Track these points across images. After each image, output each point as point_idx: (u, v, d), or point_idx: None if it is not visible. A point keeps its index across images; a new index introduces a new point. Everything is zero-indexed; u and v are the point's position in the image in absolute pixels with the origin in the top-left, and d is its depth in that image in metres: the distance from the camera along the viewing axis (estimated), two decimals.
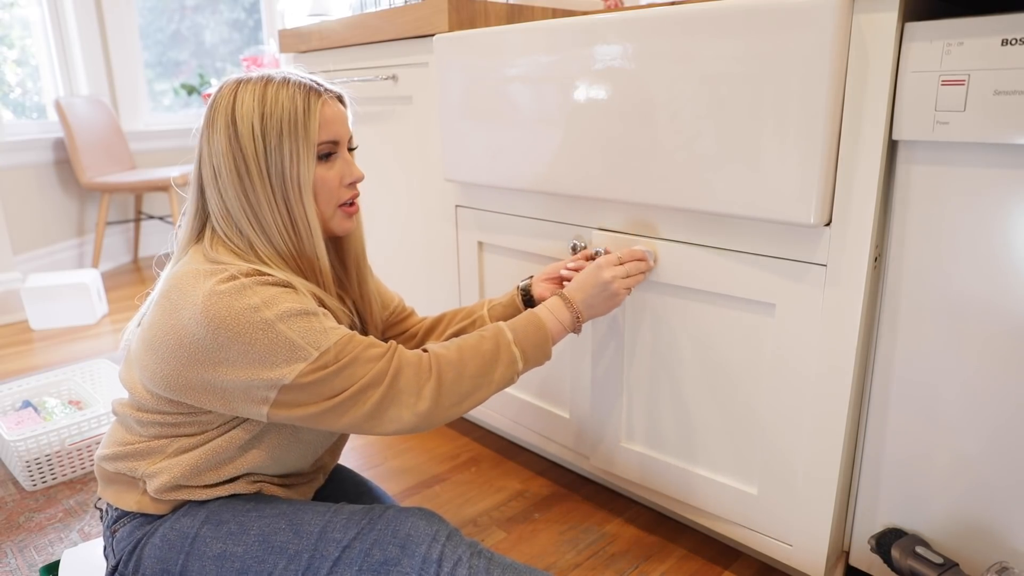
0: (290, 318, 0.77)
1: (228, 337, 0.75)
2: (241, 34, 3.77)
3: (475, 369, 0.85)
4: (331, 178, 0.86)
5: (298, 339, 0.77)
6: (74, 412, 1.59)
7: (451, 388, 0.84)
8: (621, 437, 1.22)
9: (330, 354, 0.78)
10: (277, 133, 0.81)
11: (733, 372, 1.04)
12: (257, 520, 0.85)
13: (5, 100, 2.95)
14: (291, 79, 0.84)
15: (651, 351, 1.13)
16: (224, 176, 0.82)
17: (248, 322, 0.75)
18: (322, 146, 0.84)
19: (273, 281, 0.79)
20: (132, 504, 0.87)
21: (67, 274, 2.49)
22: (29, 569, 1.17)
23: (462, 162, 1.32)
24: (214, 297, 0.76)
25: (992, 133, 0.76)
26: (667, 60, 0.96)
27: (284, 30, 1.77)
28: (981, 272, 0.82)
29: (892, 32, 0.79)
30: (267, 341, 0.76)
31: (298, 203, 0.83)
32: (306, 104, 0.82)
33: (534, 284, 1.10)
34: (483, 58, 1.21)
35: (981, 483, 0.88)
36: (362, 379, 0.80)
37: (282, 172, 0.82)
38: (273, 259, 0.84)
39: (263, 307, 0.76)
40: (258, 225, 0.83)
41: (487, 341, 0.88)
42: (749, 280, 0.98)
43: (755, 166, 0.90)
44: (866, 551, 0.99)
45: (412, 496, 1.38)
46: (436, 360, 0.84)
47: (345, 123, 0.88)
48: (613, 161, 1.06)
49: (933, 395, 0.89)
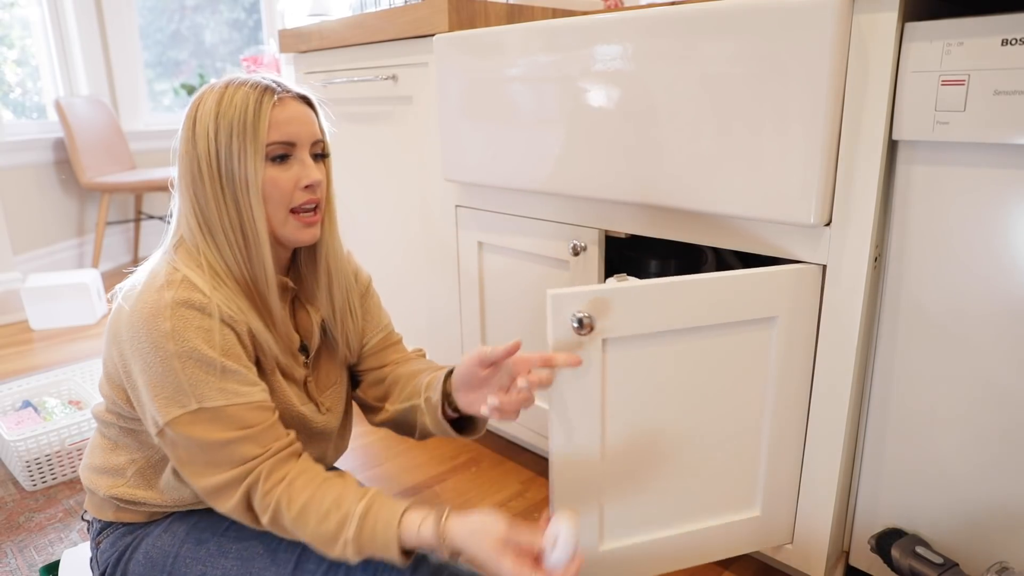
0: (189, 359, 0.74)
1: (136, 350, 0.75)
2: (241, 34, 3.77)
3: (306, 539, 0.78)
4: (283, 180, 0.81)
5: (185, 383, 0.74)
6: (74, 412, 1.59)
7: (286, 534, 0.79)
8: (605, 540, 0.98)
9: (208, 413, 0.75)
10: (227, 133, 0.78)
11: (734, 400, 0.96)
12: (235, 542, 0.85)
13: (5, 100, 2.95)
14: (251, 81, 0.81)
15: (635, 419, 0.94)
16: (182, 178, 0.82)
17: (152, 344, 0.74)
18: (273, 147, 0.80)
19: (200, 305, 0.76)
20: (110, 515, 0.88)
21: (67, 274, 2.49)
22: (29, 569, 1.17)
23: (462, 162, 1.32)
24: (140, 306, 0.76)
25: (992, 133, 0.76)
26: (667, 60, 0.95)
27: (284, 30, 1.77)
28: (981, 272, 0.82)
29: (892, 32, 0.79)
30: (161, 371, 0.74)
31: (246, 206, 0.80)
32: (257, 103, 0.79)
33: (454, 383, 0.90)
34: (483, 58, 1.21)
35: (981, 483, 0.88)
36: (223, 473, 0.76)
37: (231, 172, 0.79)
38: (222, 271, 0.81)
39: (171, 337, 0.74)
40: (208, 231, 0.81)
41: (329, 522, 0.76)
42: (749, 299, 0.91)
43: (755, 166, 0.90)
44: (866, 551, 0.99)
45: (412, 496, 1.37)
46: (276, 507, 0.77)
47: (305, 124, 0.83)
48: (613, 161, 1.06)
49: (933, 395, 0.89)
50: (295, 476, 0.78)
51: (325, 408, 0.94)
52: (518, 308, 1.36)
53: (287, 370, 0.87)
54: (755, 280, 0.90)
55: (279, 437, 0.80)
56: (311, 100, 0.86)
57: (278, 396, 0.85)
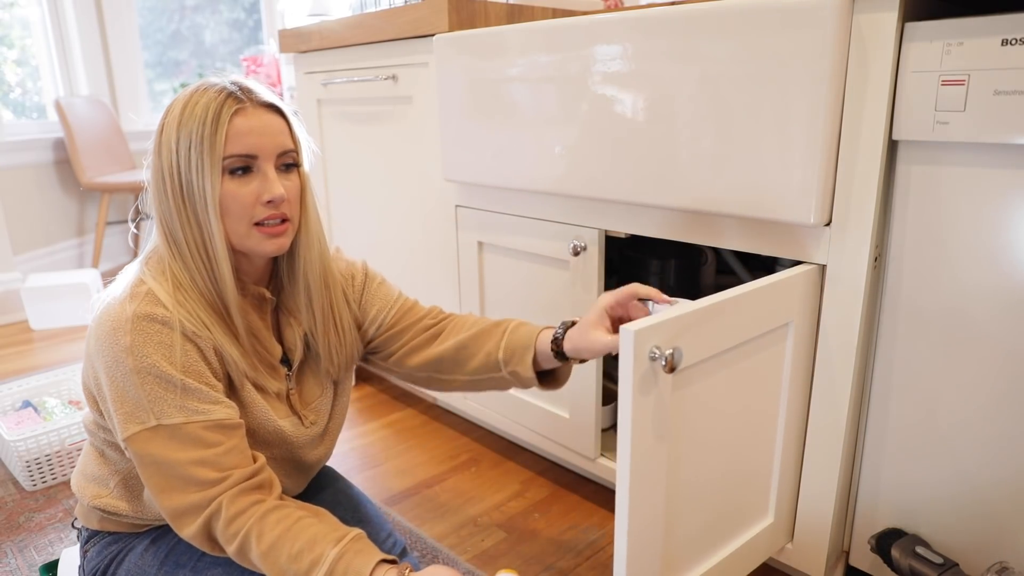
0: (148, 375, 0.73)
1: (101, 361, 0.75)
2: (241, 34, 3.77)
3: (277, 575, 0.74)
4: (243, 195, 0.78)
5: (144, 400, 0.73)
6: (74, 412, 1.59)
7: (251, 566, 0.77)
8: None
9: (168, 430, 0.73)
10: (187, 144, 0.76)
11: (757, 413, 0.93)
12: (210, 568, 0.84)
13: (5, 100, 2.95)
14: (216, 87, 0.78)
15: None
16: (151, 189, 0.80)
17: (113, 359, 0.74)
18: (231, 160, 0.77)
19: (161, 319, 0.75)
20: (95, 523, 0.89)
21: (67, 274, 2.49)
22: (29, 569, 1.17)
23: (462, 162, 1.32)
24: (103, 318, 0.75)
25: (992, 133, 0.76)
26: (667, 60, 0.95)
27: (284, 30, 1.77)
28: (982, 272, 0.82)
29: (892, 32, 0.79)
30: (121, 385, 0.74)
31: (205, 219, 0.77)
32: (216, 114, 0.76)
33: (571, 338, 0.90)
34: (483, 58, 1.21)
35: (981, 483, 0.88)
36: (182, 497, 0.74)
37: (191, 185, 0.76)
38: (186, 285, 0.79)
39: (130, 352, 0.73)
40: (174, 244, 0.79)
41: (302, 561, 0.72)
42: (772, 308, 0.88)
43: (755, 166, 0.90)
44: (866, 551, 0.99)
45: (412, 496, 1.38)
46: (245, 537, 0.74)
47: (269, 135, 0.79)
48: (613, 161, 1.06)
49: (933, 395, 0.89)
50: (267, 511, 0.75)
51: (309, 421, 0.91)
52: (518, 308, 1.36)
53: (260, 383, 0.85)
54: (778, 287, 0.87)
55: (240, 464, 0.77)
56: (281, 108, 0.82)
57: (251, 411, 0.83)
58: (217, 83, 0.79)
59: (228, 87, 0.79)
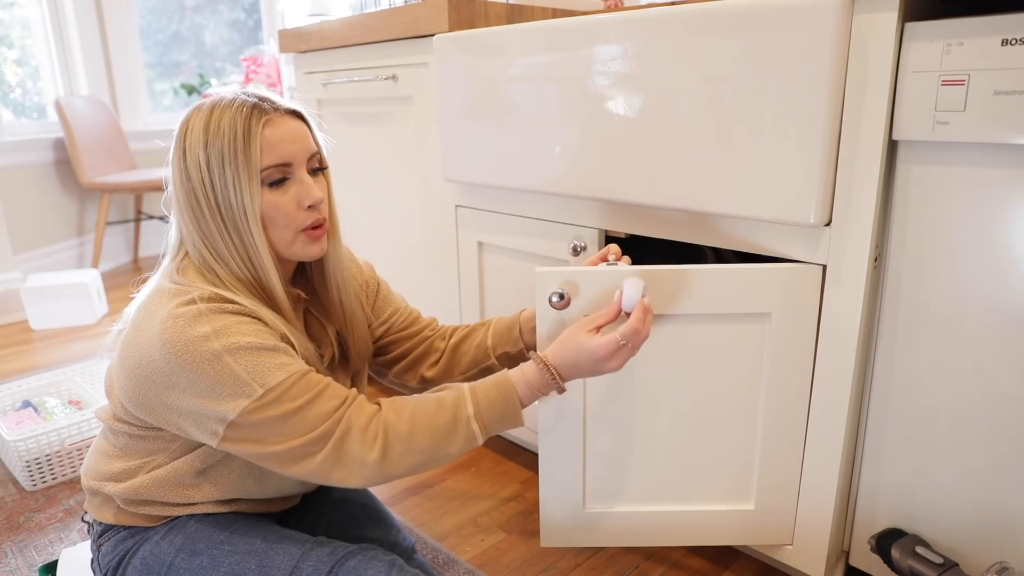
0: (239, 351, 0.74)
1: (179, 364, 0.74)
2: (241, 34, 3.77)
3: (426, 443, 0.79)
4: (285, 203, 0.80)
5: (243, 374, 0.74)
6: (74, 412, 1.59)
7: (398, 460, 0.79)
8: (588, 501, 1.05)
9: (275, 392, 0.74)
10: (219, 162, 0.76)
11: (727, 389, 0.99)
12: (229, 556, 0.84)
13: (5, 100, 2.95)
14: (237, 101, 0.78)
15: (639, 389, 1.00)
16: (181, 206, 0.80)
17: (197, 351, 0.73)
18: (269, 171, 0.78)
19: (233, 310, 0.76)
20: (111, 517, 0.88)
21: (67, 274, 2.49)
22: (29, 569, 1.17)
23: (462, 162, 1.32)
24: (170, 321, 0.74)
25: (992, 133, 0.76)
26: (667, 60, 0.95)
27: (284, 30, 1.77)
28: (981, 272, 0.82)
29: (892, 32, 0.79)
30: (213, 373, 0.73)
31: (247, 233, 0.78)
32: (246, 128, 0.76)
33: None
34: (483, 58, 1.21)
35: (981, 483, 0.88)
36: (307, 435, 0.76)
37: (229, 202, 0.77)
38: (237, 286, 0.80)
39: (212, 337, 0.73)
40: (216, 255, 0.80)
41: (444, 413, 0.80)
42: (742, 293, 0.93)
43: (755, 166, 0.90)
44: (866, 551, 0.99)
45: (412, 496, 1.38)
46: (385, 430, 0.78)
47: (299, 141, 0.81)
48: (613, 161, 1.06)
49: (933, 395, 0.89)
50: (388, 405, 0.81)
51: None
52: (518, 308, 1.36)
53: None
54: (747, 275, 0.93)
55: (346, 389, 0.81)
56: (302, 113, 0.83)
57: None
58: (232, 96, 0.79)
59: (247, 99, 0.79)
